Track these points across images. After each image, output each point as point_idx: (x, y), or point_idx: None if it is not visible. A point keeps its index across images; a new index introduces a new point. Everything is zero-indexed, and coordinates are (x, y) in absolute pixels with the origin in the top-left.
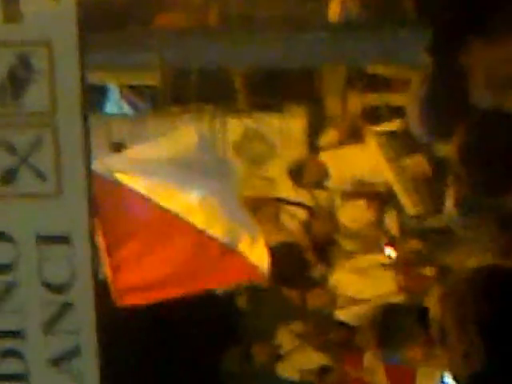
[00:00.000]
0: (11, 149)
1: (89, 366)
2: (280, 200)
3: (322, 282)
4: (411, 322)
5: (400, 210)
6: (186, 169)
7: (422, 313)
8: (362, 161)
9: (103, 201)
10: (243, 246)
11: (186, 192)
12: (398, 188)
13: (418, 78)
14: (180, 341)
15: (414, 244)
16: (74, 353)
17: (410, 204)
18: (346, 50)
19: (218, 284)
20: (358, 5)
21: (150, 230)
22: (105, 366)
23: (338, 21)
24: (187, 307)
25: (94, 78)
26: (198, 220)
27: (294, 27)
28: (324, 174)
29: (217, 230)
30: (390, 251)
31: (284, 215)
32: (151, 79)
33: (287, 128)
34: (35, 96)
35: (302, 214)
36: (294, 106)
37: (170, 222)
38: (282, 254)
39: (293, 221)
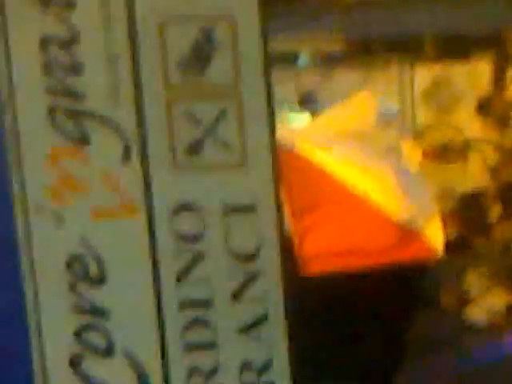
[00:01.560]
0: (197, 121)
1: (278, 333)
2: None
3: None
4: None
5: None
6: (364, 143)
7: None
8: None
9: (287, 170)
10: (420, 225)
11: (366, 168)
12: None
13: None
14: (366, 307)
15: None
16: (262, 320)
17: None
18: None
19: (395, 261)
20: None
21: (331, 202)
22: (293, 333)
23: None
24: (371, 274)
25: (279, 46)
26: (378, 196)
27: None
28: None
29: (395, 208)
30: None
31: (472, 160)
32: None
33: (474, 73)
34: (219, 69)
35: (491, 158)
36: (480, 51)
37: (351, 197)
38: (468, 204)
39: (481, 165)
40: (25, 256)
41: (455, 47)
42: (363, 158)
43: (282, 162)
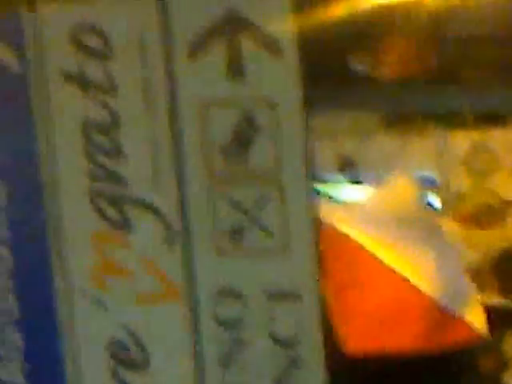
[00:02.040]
0: (238, 206)
1: None
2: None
3: None
4: None
5: None
6: (405, 225)
7: None
8: None
9: (327, 249)
10: (460, 308)
11: (408, 251)
12: None
13: None
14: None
15: None
16: None
17: None
18: None
19: (439, 346)
20: None
21: (371, 282)
22: None
23: None
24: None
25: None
26: (417, 280)
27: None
28: None
29: (436, 292)
30: None
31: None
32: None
33: (511, 139)
34: (260, 154)
35: None
36: None
37: (391, 278)
38: (505, 262)
39: None
40: (68, 341)
41: (491, 114)
42: (403, 242)
43: (322, 240)
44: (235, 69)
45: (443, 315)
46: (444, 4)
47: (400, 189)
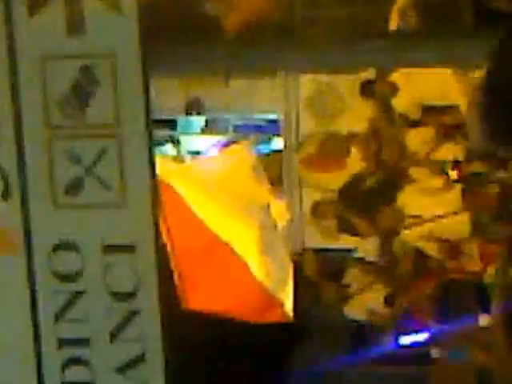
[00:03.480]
0: (76, 160)
1: (155, 373)
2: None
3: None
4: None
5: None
6: (235, 195)
7: None
8: (432, 82)
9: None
10: (277, 290)
11: (234, 220)
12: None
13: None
14: (244, 339)
15: (478, 166)
16: (139, 360)
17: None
18: (403, 57)
19: (252, 319)
20: (417, 14)
21: (206, 250)
22: (170, 372)
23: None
24: None
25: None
26: (243, 251)
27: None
28: (393, 89)
29: (258, 268)
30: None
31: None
32: None
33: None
34: (99, 108)
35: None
36: None
37: (222, 248)
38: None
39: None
40: None
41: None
42: (233, 209)
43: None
44: (75, 24)
45: (264, 296)
46: None
47: (237, 153)
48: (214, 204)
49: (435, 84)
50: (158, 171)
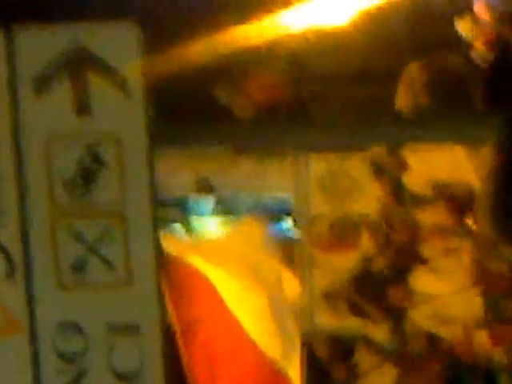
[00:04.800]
0: (81, 239)
1: None
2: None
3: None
4: None
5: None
6: (248, 270)
7: None
8: (445, 161)
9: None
10: (285, 365)
11: (245, 295)
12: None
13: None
14: None
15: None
16: None
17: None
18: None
19: None
20: (427, 94)
21: (215, 324)
22: None
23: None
24: None
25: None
26: (253, 326)
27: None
28: (404, 167)
29: (266, 342)
30: None
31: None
32: None
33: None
34: (104, 188)
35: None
36: None
37: (232, 322)
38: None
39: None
40: None
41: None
42: (245, 284)
43: (172, 273)
44: (81, 105)
45: (271, 371)
46: (304, 43)
47: (248, 228)
48: (229, 277)
49: (446, 161)
50: (171, 249)
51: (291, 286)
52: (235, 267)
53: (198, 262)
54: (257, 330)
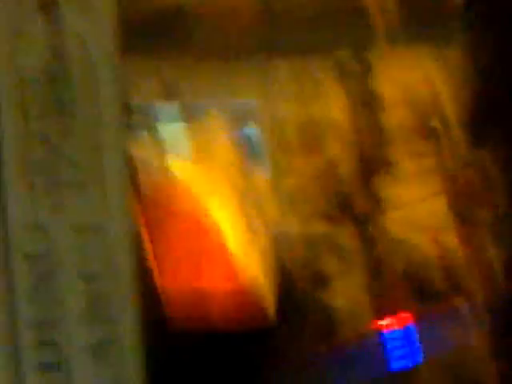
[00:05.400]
0: (46, 140)
1: (126, 355)
2: None
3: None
4: None
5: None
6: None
7: None
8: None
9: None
10: (260, 292)
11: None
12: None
13: None
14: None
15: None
16: (110, 342)
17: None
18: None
19: (230, 323)
20: None
21: (190, 234)
22: (142, 354)
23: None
24: None
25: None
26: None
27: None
28: (369, 69)
29: (241, 259)
30: None
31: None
32: None
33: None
34: (70, 89)
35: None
36: None
37: (207, 234)
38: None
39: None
40: None
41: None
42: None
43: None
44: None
45: (245, 298)
46: None
47: (211, 129)
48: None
49: (411, 63)
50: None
51: (259, 188)
52: (207, 169)
53: (170, 166)
54: (228, 230)
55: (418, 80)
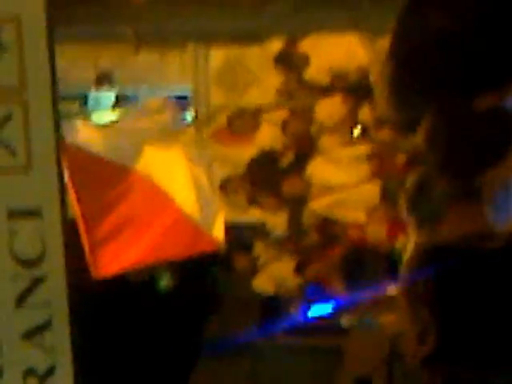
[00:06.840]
0: None
1: (61, 338)
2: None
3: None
4: None
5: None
6: (164, 142)
7: None
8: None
9: (79, 172)
10: (207, 223)
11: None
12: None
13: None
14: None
15: (386, 134)
16: (45, 326)
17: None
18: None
19: (182, 255)
20: None
21: (128, 201)
22: (77, 338)
23: None
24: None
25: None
26: (176, 194)
27: None
28: (302, 57)
29: (189, 203)
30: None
31: (264, 124)
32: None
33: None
34: (4, 71)
35: (280, 116)
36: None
37: (151, 194)
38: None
39: (272, 127)
40: None
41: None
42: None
43: (72, 163)
44: None
45: (192, 229)
46: None
47: (156, 109)
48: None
49: (343, 50)
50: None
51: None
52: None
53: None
54: (177, 191)
55: (349, 66)
